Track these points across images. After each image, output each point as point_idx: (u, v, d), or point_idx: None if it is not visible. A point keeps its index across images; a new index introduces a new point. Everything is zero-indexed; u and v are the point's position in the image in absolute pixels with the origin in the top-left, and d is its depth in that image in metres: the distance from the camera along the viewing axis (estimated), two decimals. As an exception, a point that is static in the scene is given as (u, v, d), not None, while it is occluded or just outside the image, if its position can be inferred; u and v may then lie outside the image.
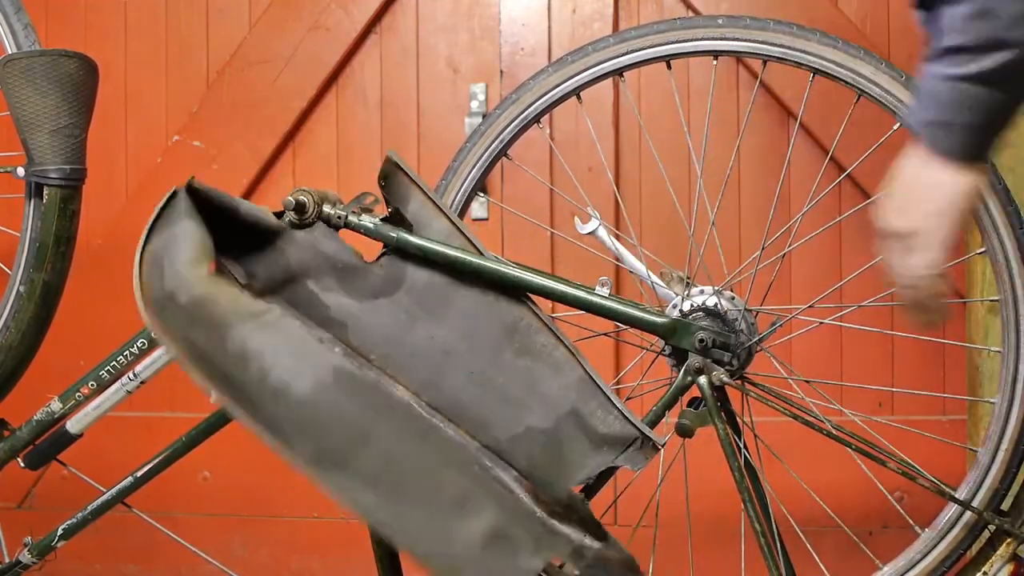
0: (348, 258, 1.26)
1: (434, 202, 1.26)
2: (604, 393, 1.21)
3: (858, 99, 1.24)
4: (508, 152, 1.32)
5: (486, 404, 1.23)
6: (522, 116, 1.29)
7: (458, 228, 1.25)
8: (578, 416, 1.21)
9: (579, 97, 1.30)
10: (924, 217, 0.97)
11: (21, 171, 1.34)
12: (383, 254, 1.27)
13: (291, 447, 1.11)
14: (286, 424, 1.12)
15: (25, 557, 1.39)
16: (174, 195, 1.18)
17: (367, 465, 1.15)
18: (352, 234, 1.25)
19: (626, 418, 1.20)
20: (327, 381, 1.14)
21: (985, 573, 1.24)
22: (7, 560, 1.41)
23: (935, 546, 1.25)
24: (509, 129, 1.29)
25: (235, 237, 1.24)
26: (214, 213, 1.22)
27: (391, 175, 1.27)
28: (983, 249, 1.23)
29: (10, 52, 1.34)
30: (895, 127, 1.23)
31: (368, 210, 1.30)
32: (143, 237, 1.15)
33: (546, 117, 1.32)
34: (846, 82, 1.22)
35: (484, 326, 1.24)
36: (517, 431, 1.22)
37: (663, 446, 1.19)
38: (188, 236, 1.14)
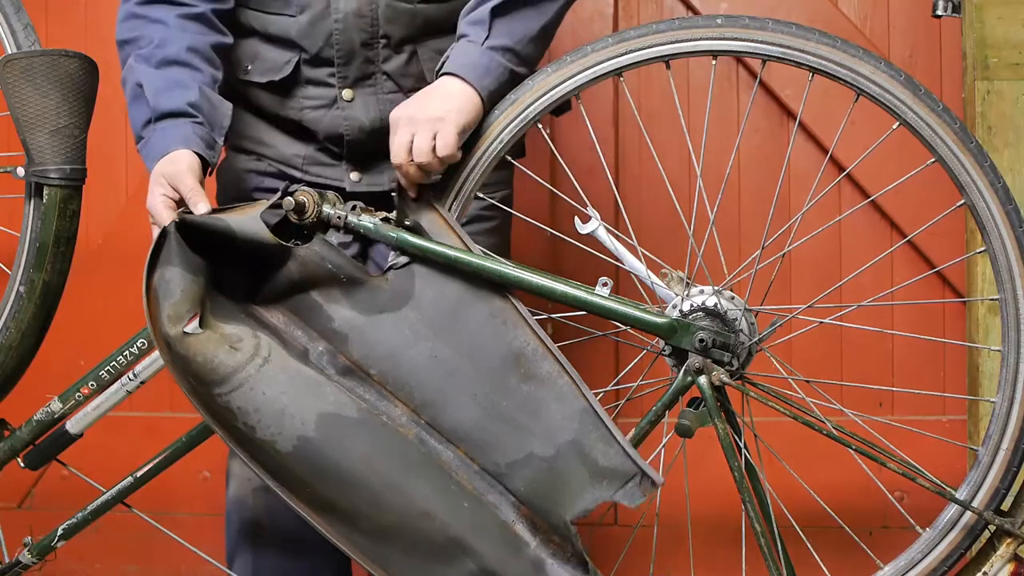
0: (353, 271, 1.25)
1: (445, 219, 1.26)
2: (606, 426, 1.20)
3: (857, 98, 1.24)
4: (507, 153, 1.32)
5: (488, 427, 1.21)
6: (521, 116, 1.29)
7: (466, 245, 1.25)
8: (579, 447, 1.20)
9: (578, 97, 1.29)
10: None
11: (21, 171, 1.34)
12: (390, 268, 1.26)
13: (288, 492, 1.14)
14: (281, 474, 1.15)
15: (25, 557, 1.39)
16: (164, 235, 1.19)
17: (356, 510, 1.16)
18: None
19: (626, 453, 1.19)
20: (310, 435, 1.15)
21: (985, 573, 1.23)
22: (7, 560, 1.41)
23: (936, 546, 1.25)
24: (508, 129, 1.29)
25: (238, 253, 1.24)
26: (212, 237, 1.22)
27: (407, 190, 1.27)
28: (983, 248, 1.23)
29: (10, 52, 1.34)
30: (895, 126, 1.23)
31: (368, 211, 1.30)
32: (145, 273, 1.17)
33: (545, 117, 1.31)
34: (845, 81, 1.22)
35: (491, 349, 1.23)
36: (518, 456, 1.21)
37: (662, 484, 1.19)
38: (171, 284, 1.16)
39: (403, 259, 1.26)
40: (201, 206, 1.22)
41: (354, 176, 1.45)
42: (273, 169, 1.47)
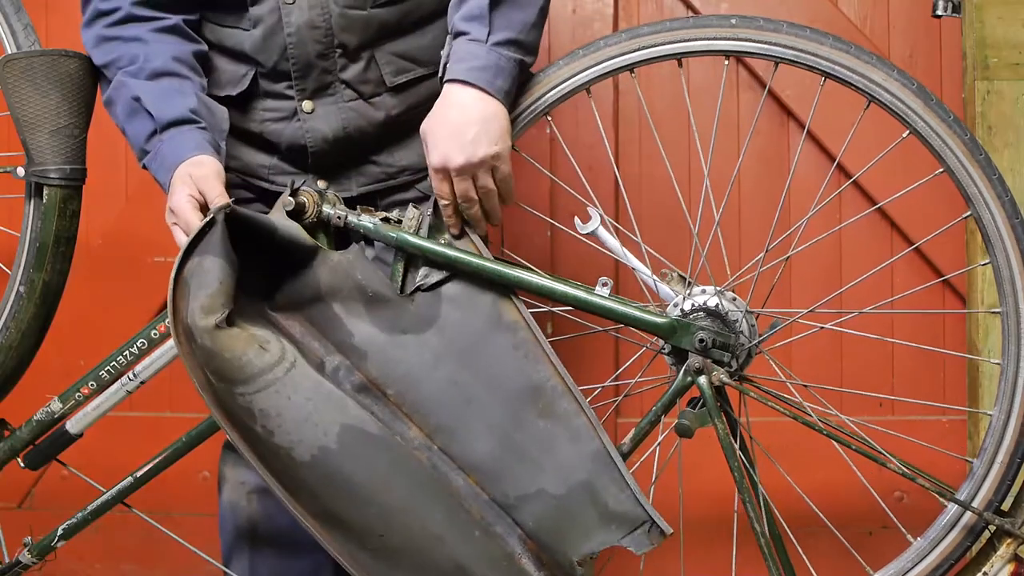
0: (381, 287, 1.24)
1: (475, 245, 1.25)
2: (619, 470, 1.19)
3: (868, 105, 1.23)
4: (515, 144, 1.31)
5: (501, 458, 1.21)
6: (531, 109, 1.28)
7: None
8: (591, 488, 1.20)
9: (589, 91, 1.29)
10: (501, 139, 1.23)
11: (21, 171, 1.34)
12: (417, 289, 1.24)
13: (294, 501, 1.11)
14: (289, 481, 1.12)
15: (25, 557, 1.39)
16: (212, 223, 1.16)
17: (366, 528, 1.14)
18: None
19: (637, 500, 1.18)
20: (331, 446, 1.14)
21: (985, 573, 1.23)
22: (7, 560, 1.41)
23: (927, 555, 1.24)
24: (519, 120, 1.28)
25: (269, 251, 1.22)
26: (251, 230, 1.20)
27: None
28: (987, 261, 1.22)
29: (10, 52, 1.33)
30: (904, 135, 1.23)
31: (368, 211, 1.30)
32: (179, 257, 1.14)
33: (544, 117, 1.31)
34: (857, 87, 1.21)
35: (511, 381, 1.22)
36: (528, 491, 1.20)
37: (671, 533, 1.18)
38: (208, 275, 1.13)
39: (432, 280, 1.25)
40: None
41: (321, 185, 1.41)
42: (239, 180, 1.44)
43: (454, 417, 1.21)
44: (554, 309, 1.29)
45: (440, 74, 1.26)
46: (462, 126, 1.21)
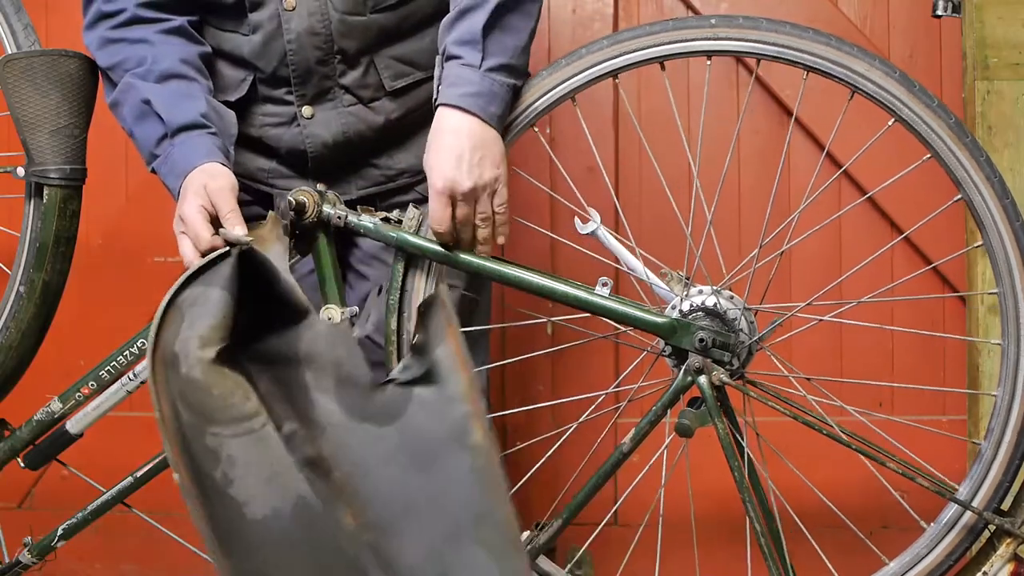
0: (353, 370, 1.19)
1: (463, 357, 1.18)
2: None
3: (852, 96, 1.24)
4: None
5: (427, 573, 1.13)
6: (518, 120, 1.28)
7: (472, 391, 1.18)
8: None
9: (574, 100, 1.29)
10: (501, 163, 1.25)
11: (21, 171, 1.34)
12: (390, 381, 1.19)
13: (227, 558, 1.07)
14: (231, 536, 1.08)
15: (25, 557, 1.39)
16: (227, 255, 1.15)
17: None
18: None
19: None
20: (285, 512, 1.09)
21: (985, 573, 1.24)
22: (7, 560, 1.41)
23: (940, 541, 1.25)
24: (505, 134, 1.28)
25: (261, 300, 1.20)
26: (255, 271, 1.19)
27: (433, 307, 1.20)
28: (980, 243, 1.23)
29: (10, 52, 1.34)
30: (890, 123, 1.23)
31: (368, 211, 1.30)
32: (182, 280, 1.13)
33: (546, 116, 1.31)
34: (840, 79, 1.22)
35: (457, 502, 1.15)
36: None
37: None
38: (214, 307, 1.11)
39: (406, 376, 1.19)
40: (238, 230, 1.20)
41: (320, 188, 1.43)
42: (238, 183, 1.45)
43: (390, 519, 1.15)
44: (554, 319, 1.29)
45: (433, 97, 1.25)
46: (463, 151, 1.21)
